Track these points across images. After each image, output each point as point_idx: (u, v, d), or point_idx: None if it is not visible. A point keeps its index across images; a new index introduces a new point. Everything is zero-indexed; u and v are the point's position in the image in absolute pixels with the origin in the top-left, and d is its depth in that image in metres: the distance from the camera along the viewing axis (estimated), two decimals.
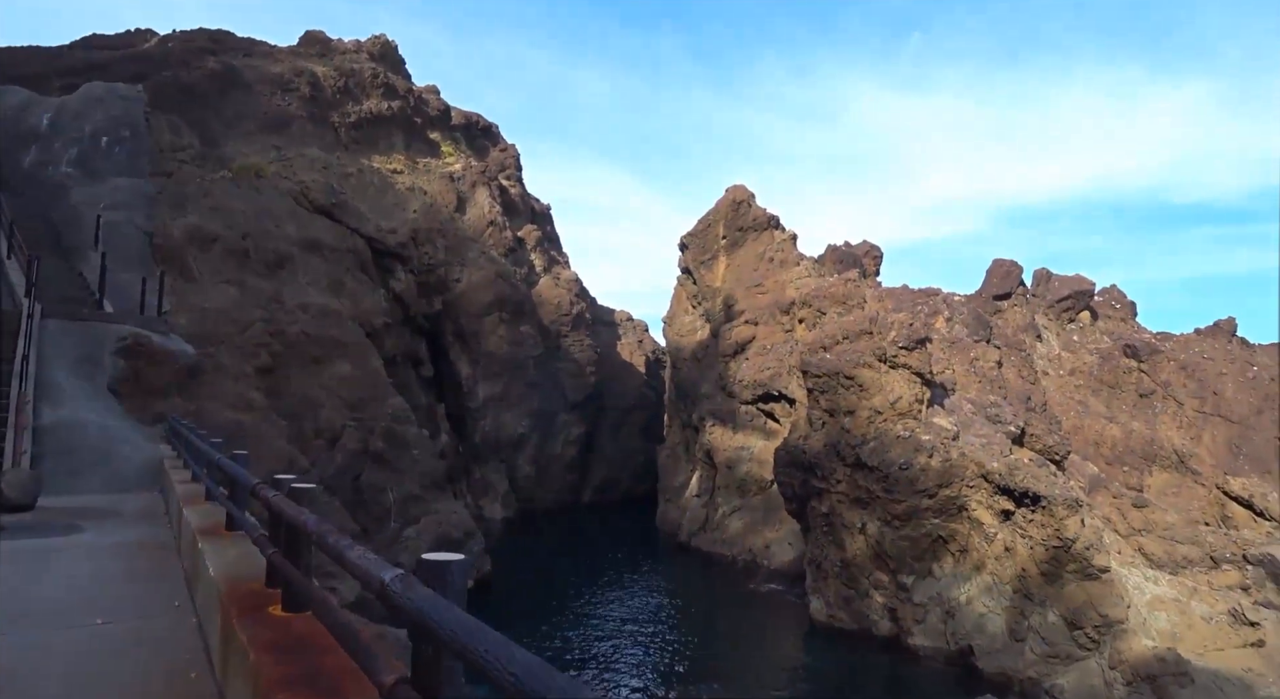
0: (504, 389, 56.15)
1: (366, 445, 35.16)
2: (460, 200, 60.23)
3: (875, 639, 31.70)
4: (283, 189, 43.29)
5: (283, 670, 4.21)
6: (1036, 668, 27.83)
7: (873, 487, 31.49)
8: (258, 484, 6.12)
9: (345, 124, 54.79)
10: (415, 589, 2.63)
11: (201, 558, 7.66)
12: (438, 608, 2.39)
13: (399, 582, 2.75)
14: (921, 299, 49.20)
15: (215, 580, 6.60)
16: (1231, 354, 50.58)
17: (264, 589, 6.09)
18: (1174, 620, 29.25)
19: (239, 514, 7.43)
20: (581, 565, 43.87)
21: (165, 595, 8.57)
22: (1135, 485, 42.36)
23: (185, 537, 9.90)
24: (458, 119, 69.01)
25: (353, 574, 3.27)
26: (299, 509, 4.62)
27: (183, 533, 10.37)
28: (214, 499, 10.14)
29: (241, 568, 6.99)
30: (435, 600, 2.47)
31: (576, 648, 30.27)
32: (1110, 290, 55.07)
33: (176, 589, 8.83)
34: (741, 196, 54.35)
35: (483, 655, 2.00)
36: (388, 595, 2.76)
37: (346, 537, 3.58)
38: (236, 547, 7.94)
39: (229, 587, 6.28)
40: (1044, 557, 28.97)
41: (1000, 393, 39.63)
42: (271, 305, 35.35)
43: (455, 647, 2.18)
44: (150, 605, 8.14)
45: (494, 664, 1.94)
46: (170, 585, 9.02)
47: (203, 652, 6.59)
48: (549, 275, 65.78)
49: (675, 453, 57.70)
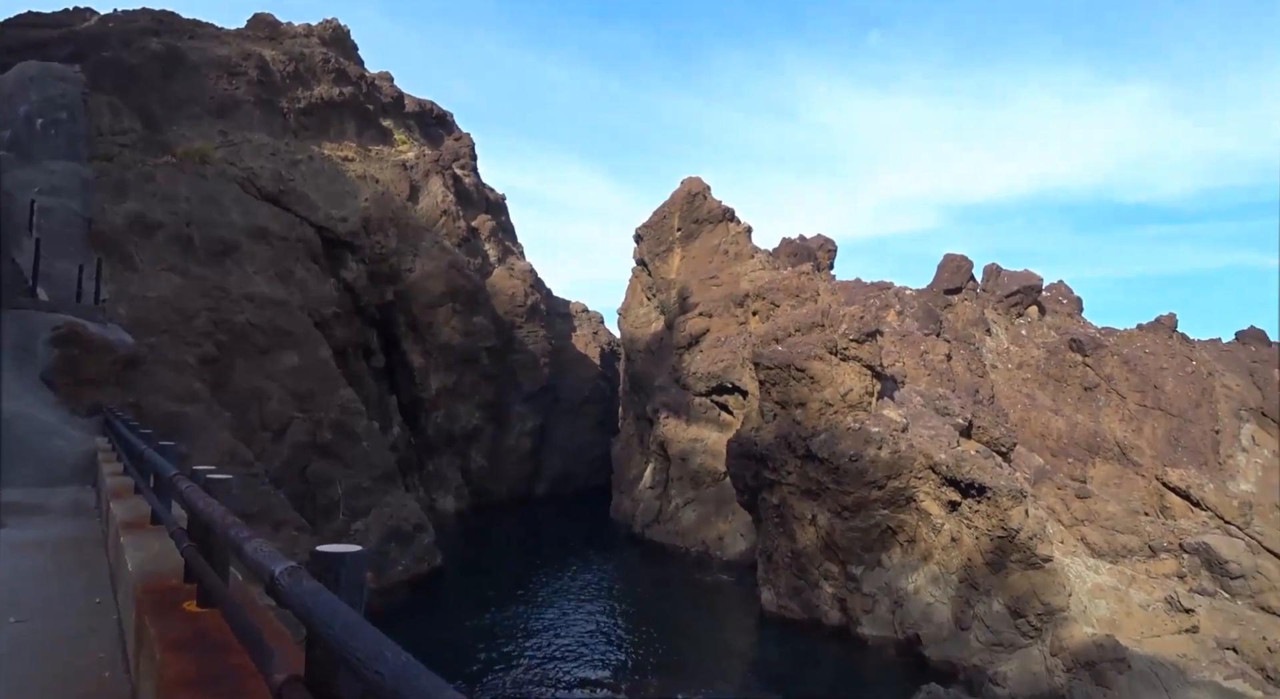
0: (457, 380, 55.59)
1: (315, 437, 34.55)
2: (413, 189, 59.40)
3: (825, 629, 32.02)
4: (229, 175, 42.25)
5: (187, 669, 4.03)
6: (981, 656, 28.33)
7: (823, 478, 31.75)
8: (174, 475, 5.89)
9: (294, 110, 53.65)
10: (302, 583, 2.49)
11: (123, 553, 7.38)
12: (319, 602, 2.26)
13: (287, 575, 2.61)
14: (873, 293, 49.71)
15: (132, 576, 6.35)
16: (1172, 349, 51.94)
17: (182, 585, 5.87)
18: (1113, 608, 29.98)
19: (160, 507, 7.17)
20: (535, 558, 43.68)
21: (88, 592, 8.27)
22: (1079, 477, 43.31)
23: (111, 531, 9.57)
24: (411, 107, 68.03)
25: (248, 567, 3.11)
26: (209, 500, 4.43)
27: (109, 527, 10.04)
28: (142, 492, 9.83)
29: (162, 563, 6.73)
30: (318, 594, 2.33)
31: (528, 640, 30.12)
32: (1057, 286, 56.19)
33: (100, 586, 8.53)
34: (697, 189, 54.38)
35: (354, 652, 1.87)
36: (275, 589, 2.62)
37: (246, 529, 3.42)
38: (160, 541, 7.67)
39: (146, 582, 6.05)
40: (989, 547, 29.48)
41: (949, 386, 40.23)
42: (216, 294, 34.50)
43: (331, 642, 2.05)
44: (71, 603, 7.85)
45: (364, 662, 1.82)
46: (94, 582, 8.71)
47: (120, 650, 6.35)
48: (503, 266, 65.23)
49: (629, 445, 57.68)
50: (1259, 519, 41.85)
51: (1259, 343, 58.48)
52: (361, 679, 1.80)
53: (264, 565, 2.84)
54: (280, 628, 4.60)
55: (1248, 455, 47.74)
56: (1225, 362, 53.49)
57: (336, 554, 2.68)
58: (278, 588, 2.62)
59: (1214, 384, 49.58)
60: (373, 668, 1.75)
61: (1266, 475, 46.66)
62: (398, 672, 1.68)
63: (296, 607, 2.42)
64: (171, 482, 5.74)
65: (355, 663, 1.87)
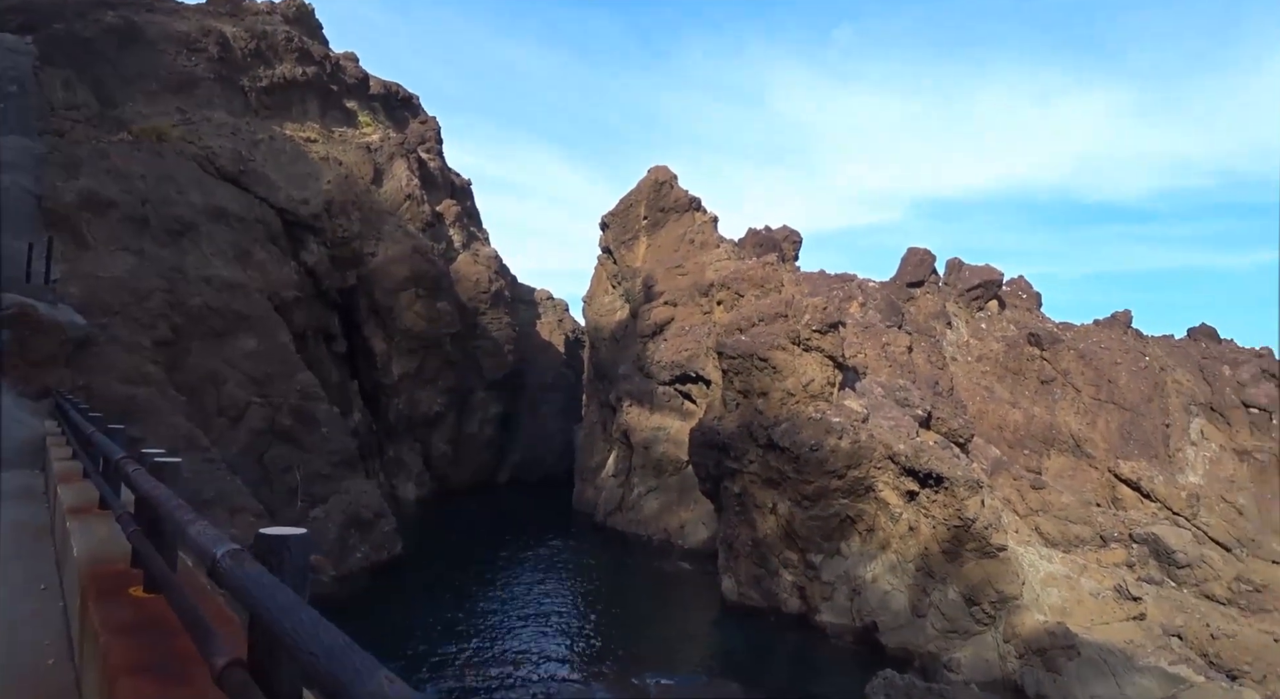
0: (420, 366, 55.14)
1: (273, 422, 34.10)
2: (377, 172, 58.67)
3: (784, 617, 32.35)
4: (187, 154, 41.39)
5: (130, 655, 3.96)
6: (936, 643, 28.82)
7: (784, 467, 32.01)
8: (122, 458, 5.78)
9: (256, 88, 52.69)
10: (244, 566, 2.45)
11: (69, 538, 7.23)
12: (259, 584, 2.22)
13: (230, 558, 2.56)
14: (837, 284, 50.11)
15: (78, 561, 6.22)
16: (1126, 345, 53.03)
17: (128, 570, 5.76)
18: (1065, 596, 30.64)
19: (108, 491, 7.03)
20: (496, 545, 43.56)
21: (33, 578, 8.08)
22: (1034, 468, 44.15)
23: (58, 516, 9.37)
24: (376, 88, 67.10)
25: (191, 550, 3.06)
26: (155, 484, 4.34)
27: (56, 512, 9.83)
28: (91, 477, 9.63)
29: (109, 548, 6.60)
30: (259, 577, 2.30)
31: (489, 628, 30.08)
32: (1017, 281, 57.05)
33: (46, 572, 8.34)
34: (664, 177, 54.35)
35: (290, 634, 1.85)
36: (217, 571, 2.57)
37: (190, 511, 3.36)
38: (108, 526, 7.51)
39: (92, 568, 5.93)
40: (946, 536, 29.95)
41: (910, 377, 40.72)
42: (172, 275, 33.84)
43: (269, 624, 2.03)
44: (15, 589, 7.66)
45: (299, 643, 1.79)
46: (40, 568, 8.51)
47: (65, 637, 6.23)
48: (468, 252, 64.74)
49: (593, 433, 57.69)
50: (1205, 511, 42.98)
51: (1209, 339, 59.92)
52: (297, 661, 1.77)
53: (206, 548, 2.79)
54: (229, 613, 4.54)
55: (1196, 449, 48.97)
56: (1176, 357, 54.74)
57: (280, 537, 2.64)
58: (219, 571, 2.58)
59: (1165, 379, 50.73)
60: (307, 649, 1.73)
61: (1213, 468, 47.91)
62: (332, 652, 1.66)
63: (236, 589, 2.38)
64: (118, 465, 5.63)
65: (291, 644, 1.84)
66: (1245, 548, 40.80)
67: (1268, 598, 35.92)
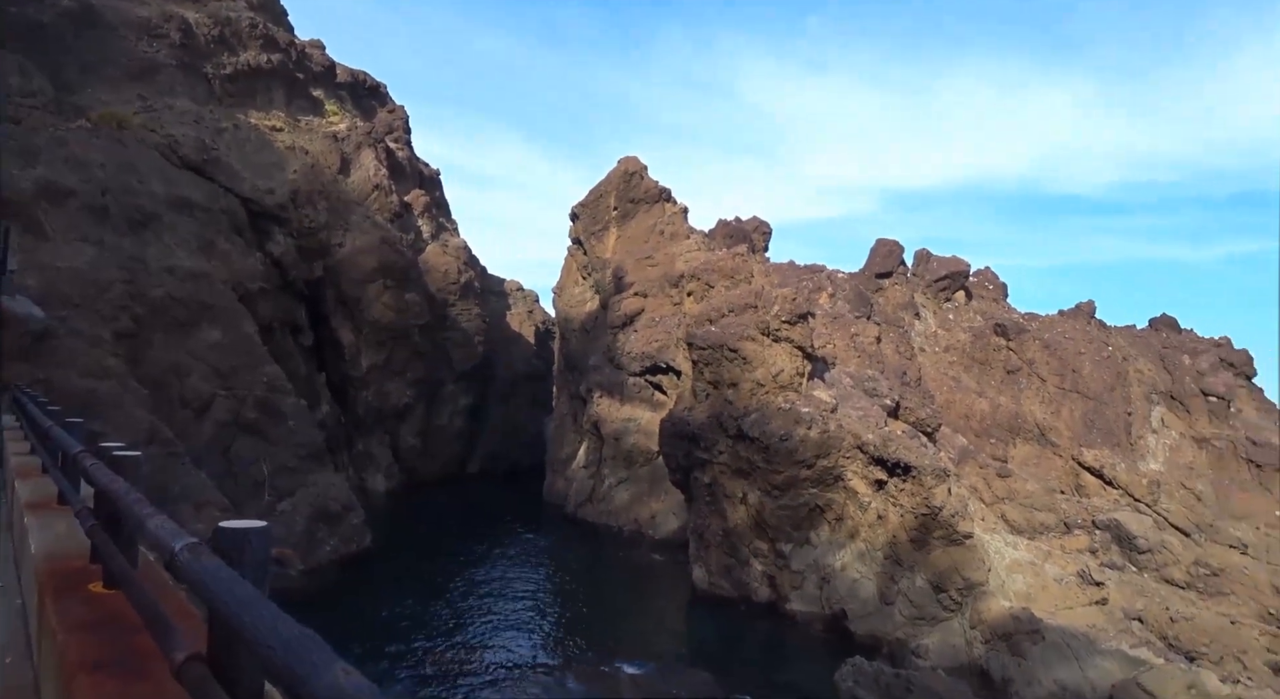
0: (388, 358, 54.71)
1: (238, 415, 33.66)
2: (344, 162, 57.96)
3: (755, 605, 32.57)
4: (149, 142, 40.59)
5: (89, 652, 3.88)
6: (904, 629, 29.18)
7: (754, 457, 32.18)
8: (79, 452, 5.66)
9: (220, 76, 51.77)
10: (201, 559, 2.41)
11: (26, 534, 7.08)
12: (216, 578, 2.18)
13: (188, 551, 2.52)
14: (806, 275, 50.38)
15: (36, 557, 6.10)
16: (1090, 335, 53.88)
17: (87, 566, 5.65)
18: (1029, 582, 31.14)
19: (66, 486, 6.89)
20: (466, 537, 43.40)
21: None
22: (1000, 456, 44.78)
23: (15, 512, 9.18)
24: (343, 76, 66.22)
25: (149, 544, 3.00)
26: (113, 477, 4.26)
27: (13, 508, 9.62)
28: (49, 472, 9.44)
29: (68, 544, 6.47)
30: (217, 570, 2.26)
31: (459, 619, 29.98)
32: (984, 272, 57.69)
33: (3, 569, 8.19)
34: (634, 168, 54.25)
35: (248, 627, 1.81)
36: (175, 565, 2.53)
37: (149, 505, 3.30)
38: (66, 521, 7.37)
39: (50, 564, 5.81)
40: (913, 524, 30.30)
41: (878, 367, 41.08)
42: (134, 266, 33.22)
43: (227, 618, 1.99)
44: None
45: (257, 637, 1.76)
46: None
47: (23, 635, 6.10)
48: (437, 242, 64.22)
49: (563, 424, 57.62)
50: (1166, 497, 43.86)
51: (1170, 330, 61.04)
52: (255, 654, 1.74)
53: (165, 542, 2.74)
54: (190, 608, 4.47)
55: (1157, 436, 49.91)
56: (1138, 347, 55.70)
57: (241, 530, 2.60)
58: (177, 564, 2.53)
59: (1128, 369, 51.62)
60: (265, 642, 1.70)
61: (1173, 455, 48.87)
62: (290, 645, 1.63)
63: (194, 583, 2.34)
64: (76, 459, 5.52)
65: (249, 638, 1.81)
66: (1203, 533, 41.70)
67: (1224, 581, 36.77)
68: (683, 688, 23.08)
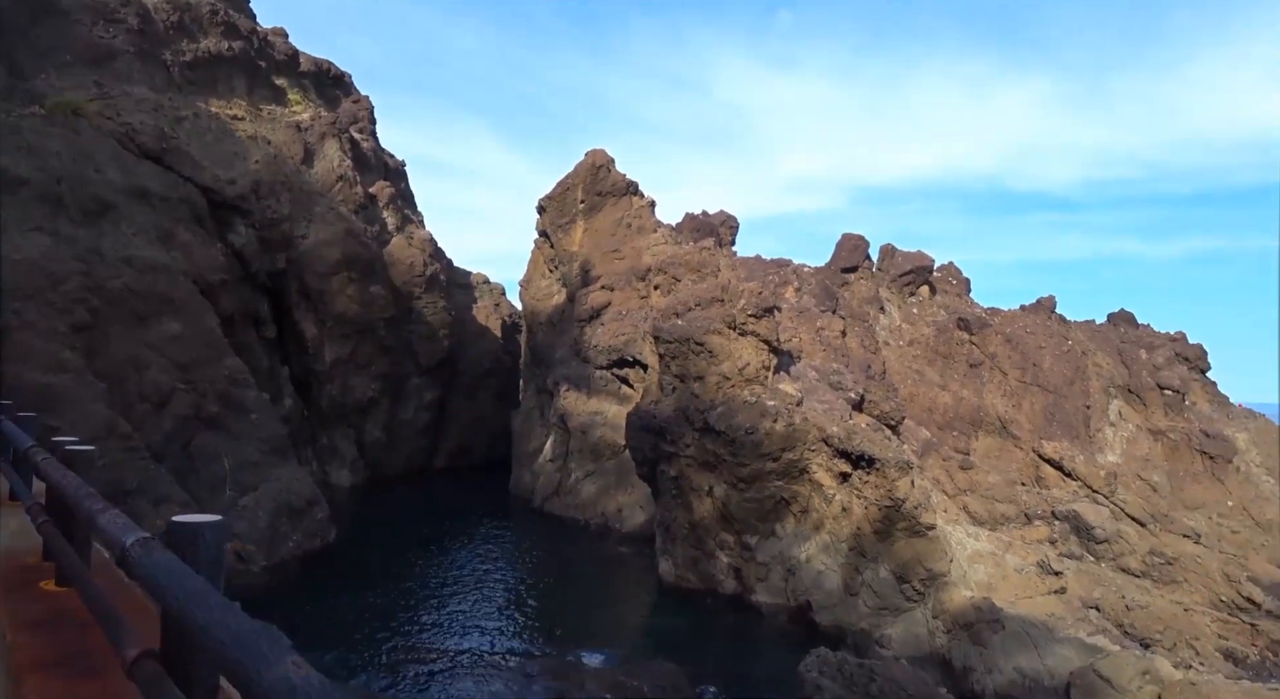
0: (352, 351, 54.14)
1: (199, 409, 33.14)
2: (308, 152, 57.17)
3: (721, 598, 32.76)
4: (105, 130, 39.71)
5: (40, 650, 3.82)
6: (868, 620, 29.52)
7: (720, 451, 32.32)
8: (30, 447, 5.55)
9: (179, 63, 50.78)
10: (153, 554, 2.37)
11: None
12: (168, 572, 2.15)
13: (139, 546, 2.48)
14: (773, 269, 50.61)
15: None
16: (1050, 329, 54.76)
17: (40, 563, 5.56)
18: (990, 572, 31.64)
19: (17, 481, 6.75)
20: (432, 531, 43.16)
21: None
22: (962, 449, 45.40)
23: None
24: (307, 65, 65.23)
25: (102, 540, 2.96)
26: (64, 472, 4.18)
27: None
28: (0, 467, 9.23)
29: (20, 541, 6.35)
30: (168, 565, 2.23)
31: (425, 614, 29.82)
32: (948, 267, 58.35)
33: None
34: (601, 161, 54.11)
35: (198, 621, 1.79)
36: (126, 560, 2.49)
37: (101, 500, 3.24)
38: (18, 518, 7.23)
39: (1, 561, 5.70)
40: (877, 516, 30.63)
41: (843, 361, 41.42)
42: (90, 257, 32.51)
43: (178, 612, 1.97)
44: None
45: (207, 630, 1.74)
46: None
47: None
48: (402, 235, 63.57)
49: (530, 418, 57.44)
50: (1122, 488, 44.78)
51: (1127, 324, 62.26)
52: (205, 648, 1.72)
53: (116, 537, 2.70)
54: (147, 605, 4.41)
55: (1114, 429, 50.92)
56: (1097, 341, 56.74)
57: (194, 524, 2.57)
58: (128, 559, 2.50)
59: (1087, 362, 52.56)
60: (216, 636, 1.69)
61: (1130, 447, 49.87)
62: (240, 639, 1.62)
63: (145, 578, 2.31)
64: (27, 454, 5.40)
65: (199, 632, 1.79)
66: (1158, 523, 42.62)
67: (1178, 570, 37.65)
68: (648, 680, 23.16)
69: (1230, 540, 43.00)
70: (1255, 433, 53.45)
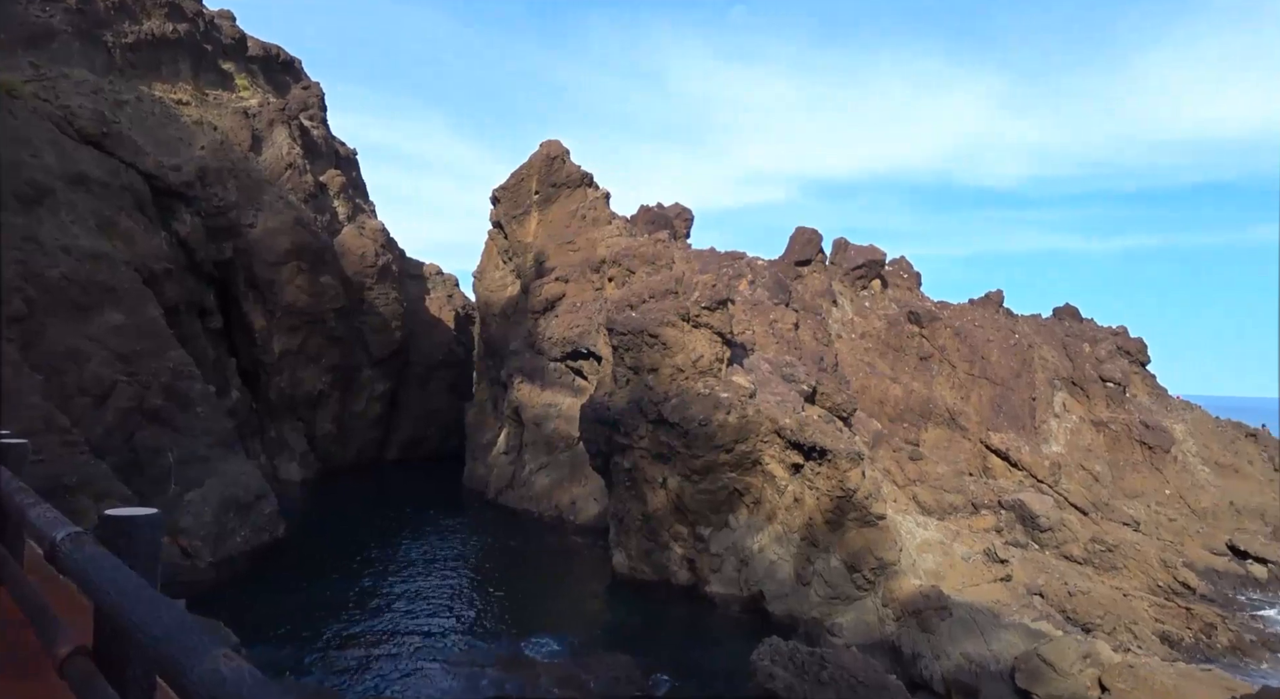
0: (302, 343, 53.26)
1: (142, 402, 32.31)
2: (256, 139, 56.00)
3: (674, 589, 32.92)
4: (42, 113, 38.43)
5: None
6: (820, 609, 29.90)
7: (674, 442, 32.44)
8: None
9: (121, 44, 49.34)
10: (84, 549, 2.31)
11: None
12: (98, 567, 2.10)
13: (70, 541, 2.41)
14: (727, 262, 50.88)
15: None
16: (998, 323, 55.86)
17: None
18: (938, 561, 32.25)
19: None
20: (384, 524, 42.72)
21: None
22: (912, 440, 46.16)
23: None
24: (255, 50, 63.84)
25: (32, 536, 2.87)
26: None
27: None
28: None
29: None
30: (99, 559, 2.17)
31: (377, 608, 29.51)
32: (899, 261, 59.20)
33: None
34: (556, 152, 53.83)
35: (129, 617, 1.75)
36: (56, 555, 2.42)
37: (32, 495, 3.14)
38: None
39: None
40: (829, 506, 31.01)
41: (796, 353, 41.82)
42: (26, 246, 31.48)
43: (111, 608, 1.91)
44: None
45: (138, 626, 1.69)
46: None
47: None
48: (353, 224, 62.62)
49: (483, 410, 57.08)
50: (1066, 478, 45.91)
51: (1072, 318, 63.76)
52: (135, 644, 1.68)
53: (45, 532, 2.62)
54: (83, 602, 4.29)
55: (1059, 420, 52.15)
56: (1043, 335, 58.02)
57: (127, 518, 2.50)
58: (58, 554, 2.43)
59: (1033, 355, 53.72)
60: (147, 631, 1.64)
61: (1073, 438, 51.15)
62: (170, 633, 1.58)
63: (76, 573, 2.24)
64: None
65: (130, 627, 1.75)
66: (1100, 511, 43.81)
67: (1117, 557, 38.76)
68: (602, 670, 23.20)
69: (1167, 528, 44.37)
70: (1192, 424, 55.20)
